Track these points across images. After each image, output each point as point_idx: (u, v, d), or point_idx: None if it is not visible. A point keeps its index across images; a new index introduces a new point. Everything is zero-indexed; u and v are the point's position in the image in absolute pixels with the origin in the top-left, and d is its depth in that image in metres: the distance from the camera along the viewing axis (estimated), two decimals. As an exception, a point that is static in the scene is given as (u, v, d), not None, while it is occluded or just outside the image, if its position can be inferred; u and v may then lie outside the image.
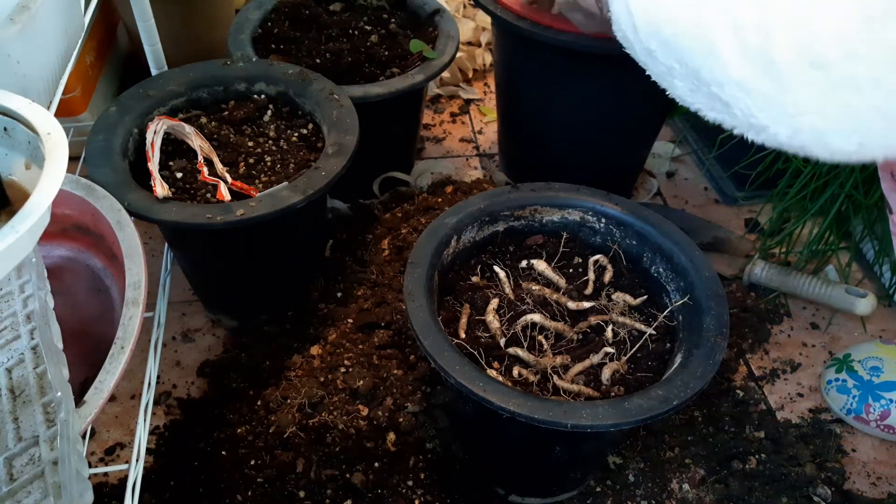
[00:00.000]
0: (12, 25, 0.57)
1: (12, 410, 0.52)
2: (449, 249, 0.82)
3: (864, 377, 0.98)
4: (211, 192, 0.88)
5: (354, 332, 0.97)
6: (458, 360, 0.68)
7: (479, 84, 1.59)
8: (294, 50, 1.16)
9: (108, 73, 1.37)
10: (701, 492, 0.90)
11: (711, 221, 1.26)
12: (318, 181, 0.86)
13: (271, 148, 0.97)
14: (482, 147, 1.43)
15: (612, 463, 0.92)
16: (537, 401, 0.65)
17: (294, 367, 0.95)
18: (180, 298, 1.11)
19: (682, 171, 1.39)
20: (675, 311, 0.78)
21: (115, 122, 0.92)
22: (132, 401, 0.98)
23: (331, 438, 0.85)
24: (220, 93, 1.03)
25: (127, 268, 0.73)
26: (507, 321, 0.77)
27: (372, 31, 1.21)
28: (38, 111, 0.52)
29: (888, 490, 0.93)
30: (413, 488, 0.85)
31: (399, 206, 1.19)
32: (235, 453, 0.87)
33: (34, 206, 0.45)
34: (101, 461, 0.91)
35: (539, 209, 0.87)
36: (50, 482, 0.48)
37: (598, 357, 0.74)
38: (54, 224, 0.67)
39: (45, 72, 0.64)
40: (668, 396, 0.66)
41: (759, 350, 1.09)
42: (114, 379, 0.63)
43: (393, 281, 1.03)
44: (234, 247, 0.94)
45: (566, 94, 1.11)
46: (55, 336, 0.57)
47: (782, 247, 1.15)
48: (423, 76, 1.10)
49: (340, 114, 0.96)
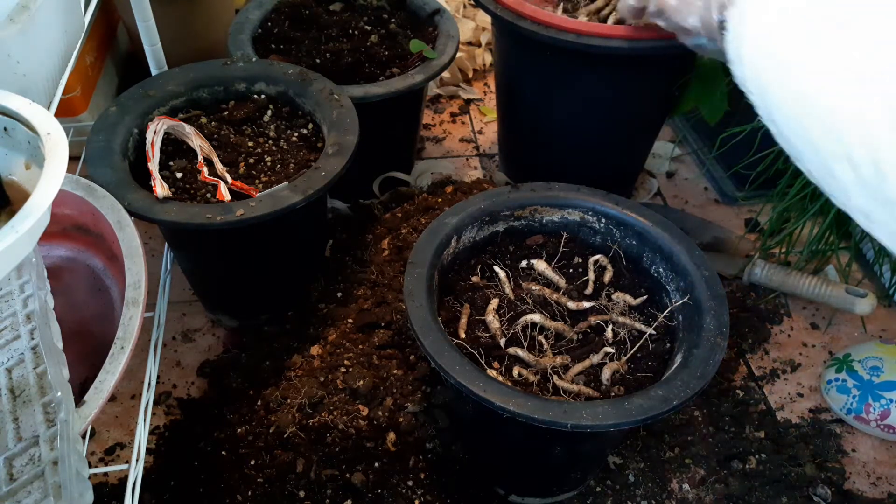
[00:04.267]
0: (12, 25, 0.57)
1: (12, 410, 0.52)
2: (449, 249, 0.82)
3: (864, 377, 0.98)
4: (211, 192, 0.88)
5: (354, 332, 0.97)
6: (458, 360, 0.68)
7: (479, 84, 1.59)
8: (294, 50, 1.16)
9: (108, 73, 1.37)
10: (701, 492, 0.90)
11: (711, 221, 1.26)
12: (318, 181, 0.86)
13: (271, 148, 0.97)
14: (482, 147, 1.43)
15: (612, 463, 0.92)
16: (537, 401, 0.65)
17: (294, 367, 0.95)
18: (180, 298, 1.11)
19: (682, 171, 1.39)
20: (675, 311, 0.78)
21: (115, 122, 0.92)
22: (132, 401, 0.98)
23: (331, 438, 0.85)
24: (220, 93, 1.03)
25: (127, 268, 0.73)
26: (507, 321, 0.77)
27: (372, 31, 1.21)
28: (38, 111, 0.52)
29: (888, 490, 0.93)
30: (413, 488, 0.85)
31: (399, 206, 1.19)
32: (235, 453, 0.87)
33: (34, 207, 0.45)
34: (101, 461, 0.91)
35: (539, 209, 0.87)
36: (50, 482, 0.48)
37: (598, 357, 0.74)
38: (54, 224, 0.67)
39: (45, 72, 0.64)
40: (668, 396, 0.66)
41: (759, 350, 1.09)
42: (114, 379, 0.63)
43: (393, 281, 1.03)
44: (233, 247, 0.94)
45: (566, 94, 1.11)
46: (55, 336, 0.57)
47: (782, 247, 1.15)
48: (423, 76, 1.09)
49: (340, 114, 0.96)
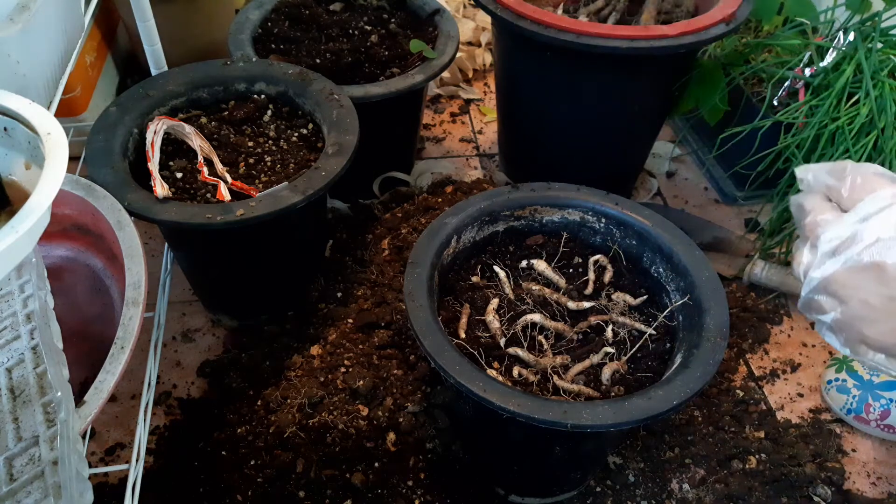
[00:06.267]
0: (12, 25, 0.57)
1: (12, 410, 0.52)
2: (449, 249, 0.82)
3: (864, 377, 0.98)
4: (211, 192, 0.88)
5: (354, 332, 0.97)
6: (458, 360, 0.68)
7: (479, 84, 1.59)
8: (294, 50, 1.16)
9: (108, 73, 1.37)
10: (701, 492, 0.90)
11: (711, 221, 1.26)
12: (318, 181, 0.86)
13: (271, 148, 0.97)
14: (482, 147, 1.43)
15: (612, 463, 0.92)
16: (537, 401, 0.65)
17: (294, 367, 0.95)
18: (180, 298, 1.11)
19: (682, 171, 1.39)
20: (675, 311, 0.78)
21: (115, 122, 0.92)
22: (132, 401, 0.98)
23: (331, 438, 0.85)
24: (220, 93, 1.03)
25: (127, 268, 0.73)
26: (507, 321, 0.77)
27: (372, 31, 1.21)
28: (38, 111, 0.52)
29: (888, 490, 0.93)
30: (413, 488, 0.85)
31: (399, 206, 1.19)
32: (235, 453, 0.87)
33: (34, 207, 0.45)
34: (101, 461, 0.91)
35: (539, 209, 0.87)
36: (50, 482, 0.48)
37: (598, 357, 0.74)
38: (54, 224, 0.67)
39: (45, 72, 0.64)
40: (668, 396, 0.66)
41: (759, 350, 1.09)
42: (114, 379, 0.63)
43: (393, 281, 1.03)
44: (233, 247, 0.94)
45: (566, 94, 1.11)
46: (55, 336, 0.57)
47: (782, 247, 1.15)
48: (423, 76, 1.10)
49: (340, 114, 0.96)
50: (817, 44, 1.10)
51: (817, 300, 0.51)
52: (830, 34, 1.13)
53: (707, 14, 1.02)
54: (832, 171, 0.52)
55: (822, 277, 0.50)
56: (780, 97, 1.12)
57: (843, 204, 0.51)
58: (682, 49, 0.98)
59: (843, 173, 0.51)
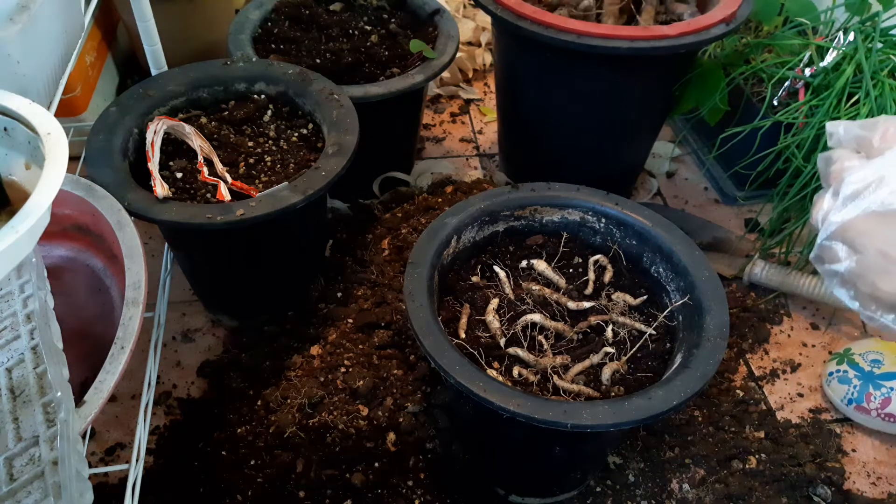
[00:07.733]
0: (12, 25, 0.57)
1: (12, 410, 0.52)
2: (449, 249, 0.82)
3: (865, 368, 0.99)
4: (211, 192, 0.88)
5: (354, 332, 0.97)
6: (458, 360, 0.68)
7: (479, 84, 1.59)
8: (294, 50, 1.16)
9: (108, 73, 1.37)
10: (701, 492, 0.90)
11: (711, 221, 1.26)
12: (318, 181, 0.86)
13: (271, 148, 0.97)
14: (482, 147, 1.43)
15: (612, 463, 0.92)
16: (537, 401, 0.65)
17: (294, 367, 0.95)
18: (180, 298, 1.11)
19: (682, 171, 1.39)
20: (675, 311, 0.78)
21: (115, 122, 0.92)
22: (132, 401, 0.98)
23: (331, 438, 0.85)
24: (220, 93, 1.03)
25: (127, 268, 0.73)
26: (507, 321, 0.77)
27: (372, 31, 1.21)
28: (38, 111, 0.52)
29: (888, 490, 0.93)
30: (413, 488, 0.85)
31: (399, 206, 1.19)
32: (235, 453, 0.87)
33: (34, 207, 0.45)
34: (101, 461, 0.91)
35: (539, 209, 0.87)
36: (50, 482, 0.48)
37: (598, 357, 0.74)
38: (54, 224, 0.67)
39: (45, 72, 0.64)
40: (668, 396, 0.66)
41: (759, 350, 1.09)
42: (114, 379, 0.63)
43: (393, 281, 1.03)
44: (234, 247, 0.94)
45: (566, 94, 1.11)
46: (55, 336, 0.57)
47: (782, 247, 1.15)
48: (423, 76, 1.09)
49: (340, 114, 0.96)
50: (817, 44, 1.10)
51: (832, 248, 0.49)
52: (830, 34, 1.13)
53: (707, 14, 1.02)
54: (863, 124, 0.51)
55: (842, 222, 0.48)
56: (780, 97, 1.12)
57: (872, 154, 0.50)
58: (682, 49, 0.98)
59: (874, 125, 0.50)
